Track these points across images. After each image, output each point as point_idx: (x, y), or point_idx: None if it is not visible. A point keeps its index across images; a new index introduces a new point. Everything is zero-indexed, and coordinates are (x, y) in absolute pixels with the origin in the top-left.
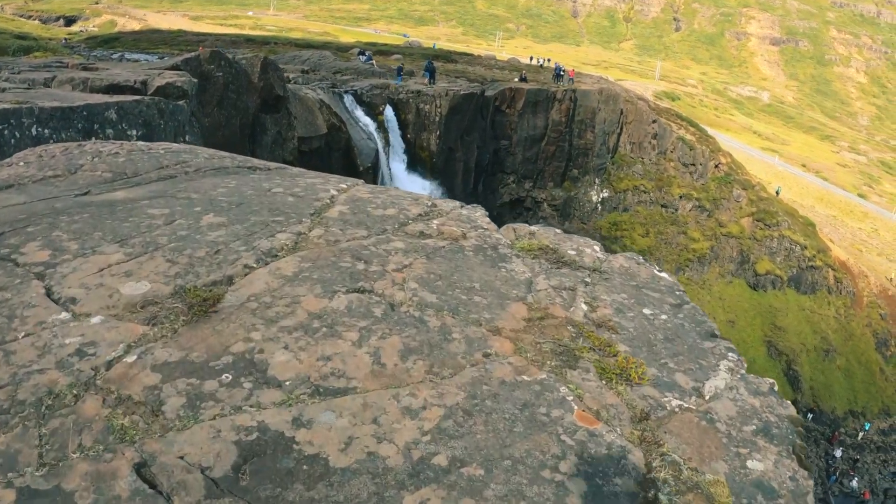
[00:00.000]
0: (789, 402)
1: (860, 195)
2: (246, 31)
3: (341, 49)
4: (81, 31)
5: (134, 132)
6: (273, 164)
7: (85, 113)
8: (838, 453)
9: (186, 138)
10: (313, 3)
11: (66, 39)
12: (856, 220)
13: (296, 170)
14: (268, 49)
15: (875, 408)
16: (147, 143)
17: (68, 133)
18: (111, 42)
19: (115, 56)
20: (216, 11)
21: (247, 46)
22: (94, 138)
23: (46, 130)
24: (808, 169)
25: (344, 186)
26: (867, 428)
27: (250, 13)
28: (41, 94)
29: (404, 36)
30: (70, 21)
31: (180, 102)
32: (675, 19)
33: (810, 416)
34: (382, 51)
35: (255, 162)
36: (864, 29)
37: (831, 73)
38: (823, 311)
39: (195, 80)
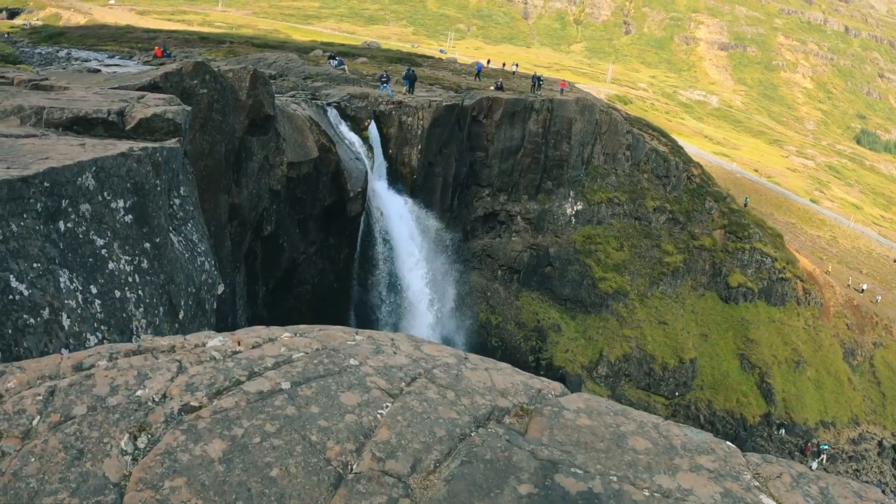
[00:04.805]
0: None
1: (813, 200)
2: (195, 28)
3: (300, 49)
4: (25, 24)
5: (121, 203)
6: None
7: (47, 184)
8: (814, 465)
9: (181, 191)
10: None
11: (7, 34)
12: (814, 228)
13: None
14: (225, 49)
15: (844, 417)
16: (246, 361)
17: (22, 221)
18: (56, 37)
19: (61, 53)
20: (163, 6)
21: (202, 45)
22: (62, 222)
23: None
24: (761, 174)
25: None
26: (825, 448)
27: None
28: None
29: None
30: (13, 14)
31: (172, 142)
32: (625, 23)
33: (783, 430)
34: (342, 52)
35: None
36: (810, 35)
37: (778, 79)
38: (793, 323)
39: (188, 109)
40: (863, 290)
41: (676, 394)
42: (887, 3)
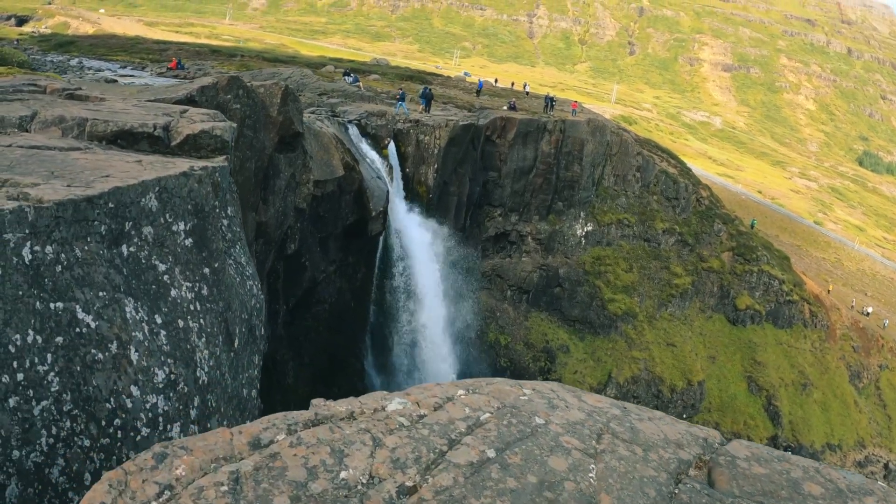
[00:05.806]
0: None
1: (816, 222)
2: (202, 40)
3: (311, 65)
4: (34, 32)
5: (181, 225)
6: None
7: (111, 205)
8: None
9: (228, 211)
10: (269, 14)
11: (17, 41)
12: (819, 250)
13: None
14: (238, 62)
15: (851, 440)
16: None
17: (86, 245)
18: (66, 46)
19: (73, 62)
20: (171, 18)
21: (214, 59)
22: (125, 246)
23: (49, 248)
24: (765, 195)
25: None
26: None
27: None
28: (24, 158)
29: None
30: (22, 21)
31: (221, 160)
32: (629, 43)
33: (789, 453)
34: (351, 68)
35: None
36: (813, 57)
37: (781, 100)
38: (800, 345)
39: (234, 125)
40: (868, 313)
41: (684, 416)
42: (890, 25)
